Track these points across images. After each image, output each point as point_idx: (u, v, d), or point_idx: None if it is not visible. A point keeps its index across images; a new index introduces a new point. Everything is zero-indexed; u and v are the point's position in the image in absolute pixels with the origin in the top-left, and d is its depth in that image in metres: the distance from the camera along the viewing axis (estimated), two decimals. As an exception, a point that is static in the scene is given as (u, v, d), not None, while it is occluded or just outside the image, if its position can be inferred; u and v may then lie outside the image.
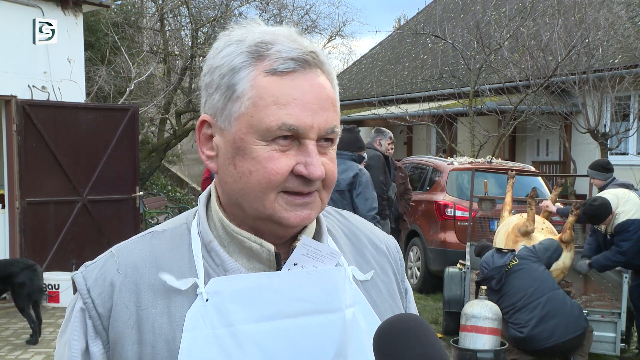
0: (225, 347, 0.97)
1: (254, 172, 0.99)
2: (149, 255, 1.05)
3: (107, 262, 1.06)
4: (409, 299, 1.25)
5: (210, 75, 1.04)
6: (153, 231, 1.10)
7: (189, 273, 1.02)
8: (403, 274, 1.24)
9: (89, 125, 8.61)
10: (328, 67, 1.05)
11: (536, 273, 5.21)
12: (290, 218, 1.00)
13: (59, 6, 8.62)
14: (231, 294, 0.99)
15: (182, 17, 17.82)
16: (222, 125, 1.02)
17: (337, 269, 1.06)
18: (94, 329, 1.02)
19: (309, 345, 1.00)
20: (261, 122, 0.98)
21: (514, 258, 5.30)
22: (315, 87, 1.00)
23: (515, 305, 5.15)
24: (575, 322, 5.05)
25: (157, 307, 1.00)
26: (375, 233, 1.24)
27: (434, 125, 14.37)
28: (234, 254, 1.05)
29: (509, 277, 5.25)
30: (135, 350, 0.99)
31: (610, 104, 12.35)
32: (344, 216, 1.23)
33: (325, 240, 1.11)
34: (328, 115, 1.00)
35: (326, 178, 1.02)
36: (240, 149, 0.99)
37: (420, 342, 0.90)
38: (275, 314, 0.99)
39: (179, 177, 19.64)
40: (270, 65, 0.99)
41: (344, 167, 5.38)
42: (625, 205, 5.75)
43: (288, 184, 0.99)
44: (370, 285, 1.13)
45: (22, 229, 8.01)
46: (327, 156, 1.02)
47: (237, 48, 1.01)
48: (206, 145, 1.06)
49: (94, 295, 1.02)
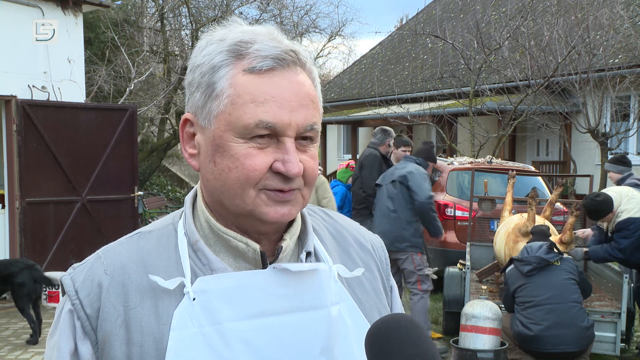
0: (213, 345, 0.98)
1: (232, 169, 1.00)
2: (136, 256, 1.05)
3: (95, 264, 1.06)
4: (394, 296, 1.26)
5: (192, 74, 1.05)
6: (140, 232, 1.11)
7: (176, 273, 1.02)
8: (388, 272, 1.25)
9: (89, 125, 8.62)
10: (310, 65, 1.05)
11: (567, 282, 5.09)
12: (270, 213, 1.01)
13: (59, 6, 8.62)
14: (218, 293, 1.00)
15: (182, 17, 17.83)
16: (203, 123, 1.03)
17: (321, 267, 1.07)
18: (83, 329, 1.02)
19: (296, 342, 1.01)
20: (239, 119, 0.98)
21: (558, 260, 5.23)
22: (294, 85, 1.00)
23: (534, 299, 5.03)
24: (586, 338, 4.98)
25: (145, 307, 1.01)
26: (361, 232, 1.25)
27: (434, 125, 14.38)
28: (220, 253, 1.05)
29: (543, 271, 5.13)
30: (123, 350, 0.99)
31: (611, 103, 12.35)
32: (329, 215, 1.24)
33: (311, 239, 1.11)
34: (307, 113, 1.01)
35: (306, 175, 1.02)
36: (219, 146, 1.00)
37: (413, 342, 0.90)
38: (261, 312, 1.00)
39: (179, 177, 19.65)
40: (249, 63, 1.00)
41: (403, 165, 6.24)
42: (628, 203, 5.72)
43: (268, 181, 1.00)
44: (356, 283, 1.14)
45: (22, 229, 8.01)
46: (307, 153, 1.03)
47: (218, 47, 1.02)
48: (189, 143, 1.07)
49: (82, 296, 1.03)
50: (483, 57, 13.26)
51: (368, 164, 7.02)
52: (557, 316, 4.93)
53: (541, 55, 12.32)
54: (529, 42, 12.86)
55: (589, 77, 11.58)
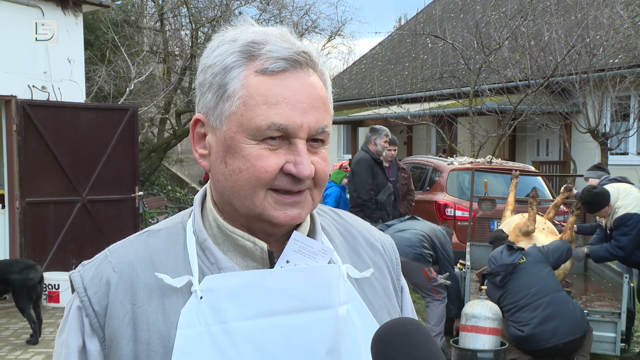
0: (219, 344, 0.98)
1: (243, 170, 1.00)
2: (145, 254, 1.06)
3: (104, 261, 1.07)
4: (404, 297, 1.25)
5: (204, 75, 1.05)
6: (149, 230, 1.11)
7: (184, 271, 1.03)
8: (399, 272, 1.25)
9: (89, 125, 8.61)
10: (321, 67, 1.05)
11: (541, 273, 5.18)
12: (280, 217, 1.01)
13: (59, 6, 8.61)
14: (225, 292, 1.00)
15: (182, 17, 17.81)
16: (214, 124, 1.03)
17: (330, 267, 1.07)
18: (91, 326, 1.03)
19: (302, 342, 1.01)
20: (251, 121, 0.98)
21: (522, 256, 5.26)
22: (306, 87, 1.00)
23: (517, 303, 5.12)
24: (577, 325, 5.03)
25: (152, 305, 1.01)
26: (371, 232, 1.25)
27: (434, 125, 14.38)
28: (228, 252, 1.06)
29: (513, 275, 5.21)
30: (130, 348, 1.00)
31: (611, 103, 12.34)
32: (339, 215, 1.24)
33: (320, 238, 1.11)
34: (319, 115, 1.01)
35: (317, 177, 1.03)
36: (230, 147, 1.00)
37: (418, 346, 0.91)
38: (268, 311, 1.00)
39: (179, 177, 19.64)
40: (262, 64, 1.00)
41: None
42: (625, 199, 5.72)
43: (277, 181, 1.00)
44: (366, 284, 1.14)
45: (22, 229, 8.01)
46: (318, 155, 1.03)
47: (230, 48, 1.02)
48: (199, 143, 1.07)
49: (90, 293, 1.03)
50: (483, 57, 13.26)
51: (357, 171, 6.91)
52: (543, 310, 5.02)
53: (541, 55, 12.32)
54: (529, 42, 12.85)
55: (589, 77, 11.57)
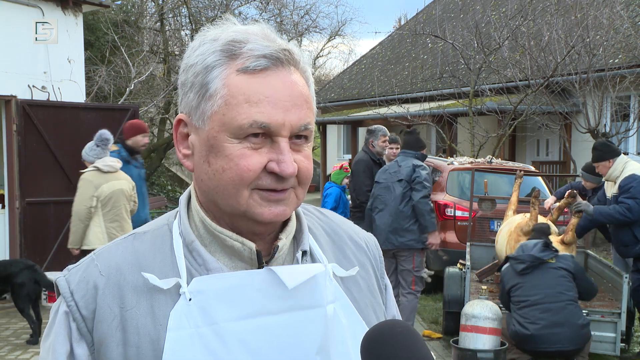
0: (209, 346, 0.98)
1: (226, 170, 0.99)
2: (132, 257, 1.05)
3: (90, 265, 1.06)
4: (388, 295, 1.26)
5: (185, 74, 1.04)
6: (135, 233, 1.11)
7: (171, 273, 1.02)
8: (382, 271, 1.25)
9: (89, 125, 8.59)
10: (303, 65, 1.05)
11: (564, 279, 5.06)
12: (264, 214, 1.01)
13: (59, 6, 8.62)
14: (214, 293, 1.00)
15: (182, 17, 17.82)
16: (197, 123, 1.02)
17: (317, 266, 1.07)
18: (78, 331, 1.02)
19: (292, 341, 1.01)
20: (233, 120, 0.98)
21: (554, 257, 5.20)
22: (288, 85, 1.00)
23: (529, 299, 5.02)
24: (582, 337, 4.98)
25: (141, 308, 1.00)
26: (355, 230, 1.25)
27: (434, 125, 14.38)
28: (216, 253, 1.05)
29: (537, 270, 5.09)
30: (120, 352, 0.99)
31: (611, 103, 12.35)
32: (324, 214, 1.24)
33: (306, 238, 1.11)
34: (301, 113, 1.01)
35: (300, 175, 1.02)
36: (213, 147, 1.00)
37: (408, 347, 0.91)
38: (257, 311, 1.00)
39: (179, 177, 19.65)
40: (243, 63, 0.99)
41: (407, 163, 6.20)
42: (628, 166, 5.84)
43: (261, 181, 1.00)
44: (351, 282, 1.14)
45: (22, 229, 8.01)
46: (302, 153, 1.03)
47: (211, 47, 1.02)
48: (182, 144, 1.07)
49: (77, 298, 1.02)
50: (483, 57, 13.26)
51: (356, 172, 7.09)
52: (553, 315, 4.93)
53: (541, 55, 12.32)
54: (529, 42, 12.86)
55: (589, 77, 11.58)
